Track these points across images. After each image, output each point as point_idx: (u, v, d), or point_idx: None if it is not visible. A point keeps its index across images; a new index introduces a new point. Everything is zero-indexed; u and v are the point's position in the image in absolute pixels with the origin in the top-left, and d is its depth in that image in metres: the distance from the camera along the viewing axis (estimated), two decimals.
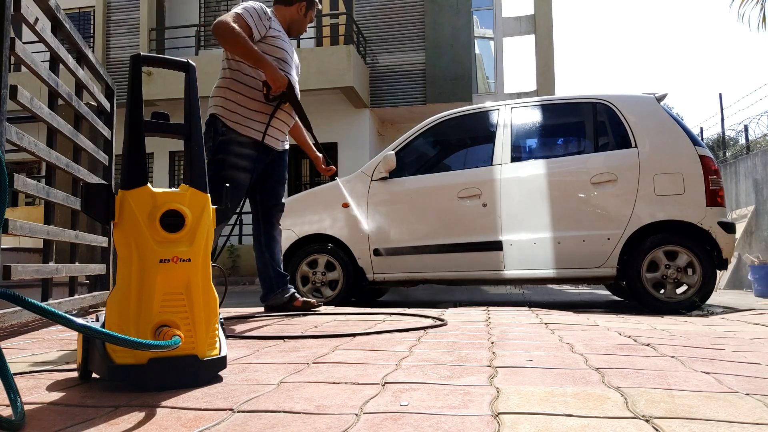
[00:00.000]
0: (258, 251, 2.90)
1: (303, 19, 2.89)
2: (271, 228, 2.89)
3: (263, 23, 2.65)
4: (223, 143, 2.63)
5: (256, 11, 2.64)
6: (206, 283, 1.26)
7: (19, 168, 12.33)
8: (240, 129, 2.65)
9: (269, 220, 2.88)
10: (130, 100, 1.26)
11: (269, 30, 2.68)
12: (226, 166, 2.62)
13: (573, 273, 4.08)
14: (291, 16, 2.86)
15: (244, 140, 2.66)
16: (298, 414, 0.99)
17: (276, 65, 2.62)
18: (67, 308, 2.49)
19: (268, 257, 2.87)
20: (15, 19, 1.92)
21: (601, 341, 1.80)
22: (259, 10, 2.66)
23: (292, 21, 2.87)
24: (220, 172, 2.61)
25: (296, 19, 2.87)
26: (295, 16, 2.86)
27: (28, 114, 2.12)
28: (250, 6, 2.65)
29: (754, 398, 1.08)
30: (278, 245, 2.92)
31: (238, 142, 2.64)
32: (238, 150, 2.65)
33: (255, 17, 2.62)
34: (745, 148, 10.21)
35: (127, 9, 12.65)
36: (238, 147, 2.64)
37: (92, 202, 1.21)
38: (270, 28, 2.69)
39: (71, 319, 0.96)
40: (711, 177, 3.90)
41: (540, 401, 1.05)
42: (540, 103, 4.56)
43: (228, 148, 2.63)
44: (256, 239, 2.91)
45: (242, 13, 2.59)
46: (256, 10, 2.64)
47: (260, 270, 2.91)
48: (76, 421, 0.97)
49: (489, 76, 19.47)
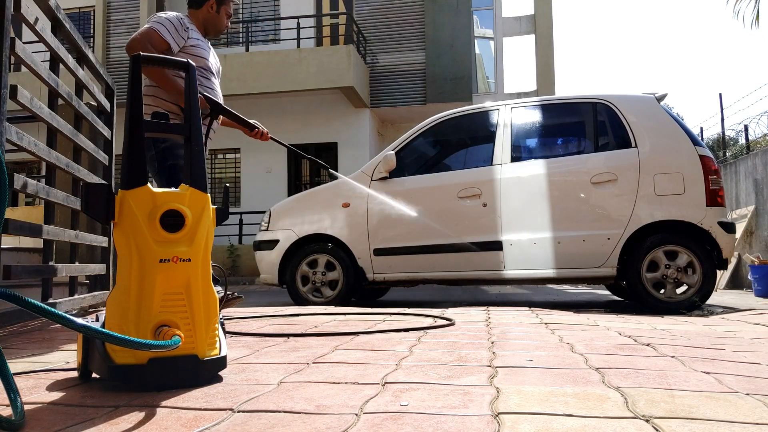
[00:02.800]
0: None
1: (217, 17, 2.80)
2: None
3: (180, 35, 2.58)
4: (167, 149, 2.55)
5: (171, 23, 2.55)
6: (206, 283, 1.25)
7: (19, 168, 12.33)
8: None
9: None
10: (130, 100, 1.26)
11: (188, 40, 2.61)
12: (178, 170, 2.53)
13: (573, 273, 4.08)
14: (204, 18, 2.78)
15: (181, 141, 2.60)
16: (298, 414, 0.99)
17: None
18: (67, 308, 2.49)
19: None
20: (15, 19, 1.92)
21: (601, 341, 1.80)
22: (175, 21, 2.57)
23: (206, 22, 2.79)
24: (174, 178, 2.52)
25: (210, 19, 2.79)
26: (207, 16, 2.78)
27: (28, 114, 2.12)
28: (165, 18, 2.56)
29: (754, 398, 1.08)
30: None
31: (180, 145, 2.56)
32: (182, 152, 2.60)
33: (172, 30, 2.55)
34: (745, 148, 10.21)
35: (127, 9, 12.66)
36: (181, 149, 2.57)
37: (92, 202, 1.21)
38: (189, 38, 2.62)
39: (71, 319, 0.96)
40: (711, 177, 3.90)
41: (540, 401, 1.05)
42: (540, 103, 4.56)
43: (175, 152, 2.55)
44: None
45: (157, 29, 2.51)
46: (172, 22, 2.56)
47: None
48: (76, 421, 0.97)
49: (489, 76, 19.47)
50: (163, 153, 2.56)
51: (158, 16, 2.59)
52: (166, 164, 2.56)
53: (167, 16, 2.60)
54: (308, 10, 12.23)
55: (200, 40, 2.72)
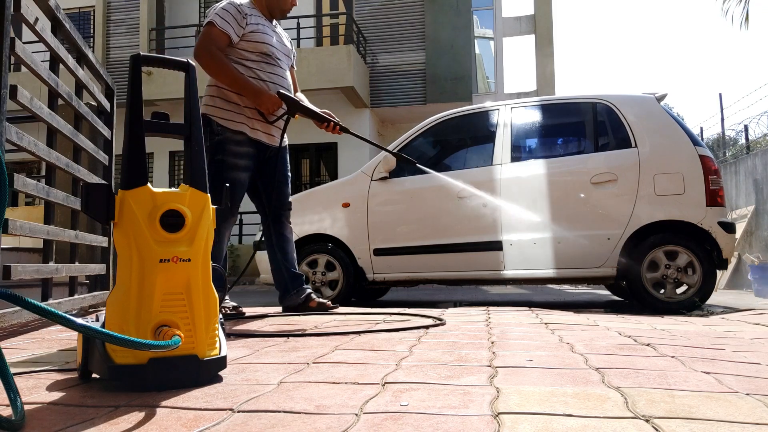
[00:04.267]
0: (270, 252, 2.86)
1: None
2: (281, 227, 2.85)
3: (239, 24, 2.58)
4: (220, 143, 2.61)
5: (230, 13, 2.57)
6: (206, 283, 1.25)
7: (19, 168, 12.33)
8: (233, 126, 2.62)
9: (279, 220, 2.84)
10: (130, 100, 1.26)
11: (247, 27, 2.61)
12: (226, 167, 2.61)
13: (573, 273, 4.08)
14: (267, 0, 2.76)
15: (240, 138, 2.64)
16: (298, 414, 0.99)
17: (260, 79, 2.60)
18: (67, 308, 2.49)
19: (281, 257, 2.83)
20: (15, 19, 1.92)
21: (601, 341, 1.80)
22: (233, 10, 2.58)
23: (269, 3, 2.76)
24: (221, 173, 2.60)
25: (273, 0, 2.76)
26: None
27: (28, 114, 2.12)
28: (221, 9, 2.58)
29: (754, 398, 1.08)
30: (291, 244, 2.88)
31: (235, 141, 2.63)
32: (236, 149, 2.63)
33: (230, 20, 2.56)
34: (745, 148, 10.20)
35: (127, 9, 12.65)
36: (235, 146, 2.63)
37: (92, 202, 1.21)
38: (248, 24, 2.61)
39: (71, 319, 0.96)
40: (711, 177, 3.90)
41: (540, 401, 1.05)
42: (540, 103, 4.56)
43: (225, 148, 2.61)
44: (267, 240, 2.87)
45: (215, 21, 2.54)
46: (230, 12, 2.57)
47: (274, 271, 2.87)
48: (76, 421, 0.97)
49: (489, 76, 19.48)
50: (215, 146, 2.62)
51: (216, 8, 2.61)
52: (215, 158, 2.62)
53: (223, 5, 2.61)
54: (308, 10, 12.23)
55: (262, 25, 2.68)
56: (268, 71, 2.67)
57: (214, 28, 2.54)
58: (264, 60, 2.66)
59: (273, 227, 2.85)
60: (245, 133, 2.65)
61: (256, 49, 2.64)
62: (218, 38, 2.54)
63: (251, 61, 2.64)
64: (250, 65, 2.63)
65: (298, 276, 2.87)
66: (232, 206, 2.65)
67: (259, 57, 2.65)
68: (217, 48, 2.54)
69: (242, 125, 2.64)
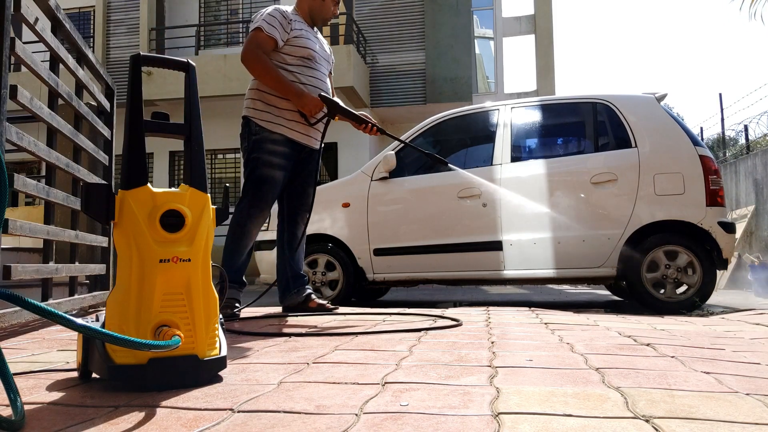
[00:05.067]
0: (279, 249, 2.90)
1: (323, 4, 2.83)
2: (294, 227, 2.88)
3: (284, 29, 2.66)
4: (257, 142, 2.68)
5: (276, 18, 2.64)
6: (206, 283, 1.25)
7: (19, 168, 12.33)
8: (271, 127, 2.69)
9: (294, 219, 2.87)
10: (130, 100, 1.26)
11: (291, 32, 2.68)
12: (260, 164, 2.67)
13: (573, 273, 4.08)
14: (309, 6, 2.83)
15: (277, 137, 2.69)
16: (298, 414, 0.99)
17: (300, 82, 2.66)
18: (67, 308, 2.49)
19: (288, 256, 2.86)
20: (15, 19, 1.92)
21: (601, 341, 1.80)
22: (279, 16, 2.66)
23: (312, 11, 2.84)
24: (255, 170, 2.67)
25: (315, 7, 2.83)
26: (313, 4, 2.83)
27: (28, 114, 2.12)
28: (268, 15, 2.65)
29: (754, 398, 1.08)
30: (300, 245, 2.91)
31: (271, 140, 2.68)
32: (272, 147, 2.68)
33: (277, 25, 2.63)
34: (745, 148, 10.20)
35: (127, 9, 12.65)
36: (272, 144, 2.68)
37: (92, 202, 1.21)
38: (293, 29, 2.69)
39: (71, 319, 0.96)
40: (711, 177, 3.90)
41: (540, 401, 1.05)
42: (540, 103, 4.56)
43: (262, 146, 2.67)
44: (279, 237, 2.91)
45: (262, 26, 2.61)
46: (276, 18, 2.65)
47: (279, 269, 2.90)
48: (76, 421, 0.97)
49: (489, 76, 19.48)
50: (252, 145, 2.71)
51: (262, 14, 2.68)
52: (251, 156, 2.70)
53: (270, 11, 2.68)
54: None
55: (304, 29, 2.75)
56: (309, 75, 2.73)
57: (261, 33, 2.61)
58: (305, 64, 2.72)
59: (287, 226, 2.88)
60: (284, 134, 2.70)
61: (298, 54, 2.71)
62: (264, 42, 2.61)
63: (293, 65, 2.70)
64: (291, 69, 2.69)
65: (301, 276, 2.88)
66: (263, 203, 2.69)
67: (301, 61, 2.71)
68: (264, 52, 2.61)
69: (280, 127, 2.69)
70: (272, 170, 2.69)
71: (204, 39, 12.71)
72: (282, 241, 2.89)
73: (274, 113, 2.69)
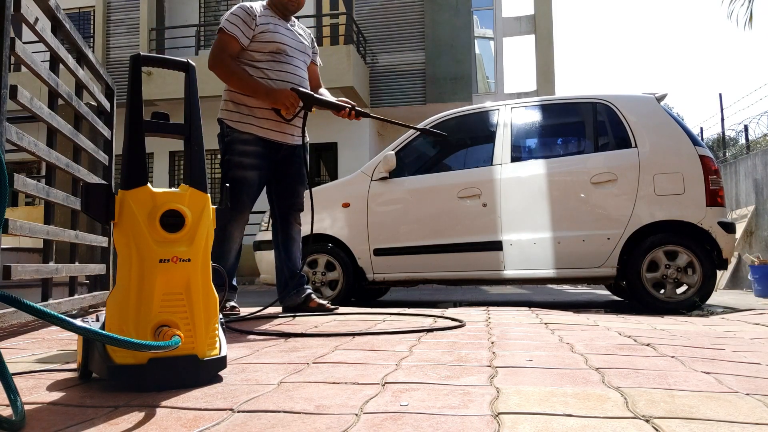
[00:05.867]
0: (276, 251, 2.89)
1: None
2: (288, 227, 2.86)
3: (248, 26, 2.62)
4: (228, 144, 2.67)
5: (238, 17, 2.62)
6: (206, 283, 1.25)
7: (19, 168, 12.33)
8: (241, 127, 2.66)
9: (286, 220, 2.86)
10: (130, 100, 1.26)
11: (257, 27, 2.64)
12: (232, 165, 2.65)
13: (573, 273, 4.08)
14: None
15: (247, 137, 2.66)
16: (298, 414, 0.99)
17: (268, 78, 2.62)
18: (67, 308, 2.49)
19: (284, 257, 2.85)
20: (15, 19, 1.92)
21: (601, 341, 1.80)
22: (242, 14, 2.62)
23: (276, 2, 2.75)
24: (228, 172, 2.66)
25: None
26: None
27: (28, 114, 2.12)
28: (231, 14, 2.63)
29: (754, 398, 1.08)
30: (296, 245, 2.89)
31: (242, 140, 2.66)
32: (242, 148, 2.66)
33: (239, 23, 2.60)
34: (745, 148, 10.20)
35: (127, 9, 12.65)
36: (242, 145, 2.66)
37: (92, 202, 1.21)
38: (258, 25, 2.64)
39: (69, 321, 0.96)
40: (711, 177, 3.90)
41: (540, 401, 1.05)
42: (540, 103, 4.56)
43: (233, 148, 2.65)
44: (274, 239, 2.90)
45: (225, 27, 2.60)
46: (238, 16, 2.62)
47: (277, 270, 2.89)
48: (76, 421, 0.97)
49: (489, 76, 19.48)
50: (224, 147, 2.71)
51: (227, 14, 2.66)
52: (224, 158, 2.70)
53: (233, 10, 2.66)
54: (308, 10, 12.22)
55: (273, 24, 2.70)
56: (278, 69, 2.68)
57: (224, 34, 2.59)
58: (274, 59, 2.67)
59: (280, 226, 2.87)
60: (254, 133, 2.67)
61: (266, 49, 2.66)
62: (227, 44, 2.59)
63: (261, 61, 2.66)
64: (259, 65, 2.65)
65: (300, 276, 2.87)
66: (240, 205, 2.66)
67: (270, 56, 2.66)
68: (228, 54, 2.59)
69: (251, 126, 2.67)
70: (244, 171, 2.65)
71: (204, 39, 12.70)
72: (277, 242, 2.88)
73: (243, 112, 2.66)
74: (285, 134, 2.75)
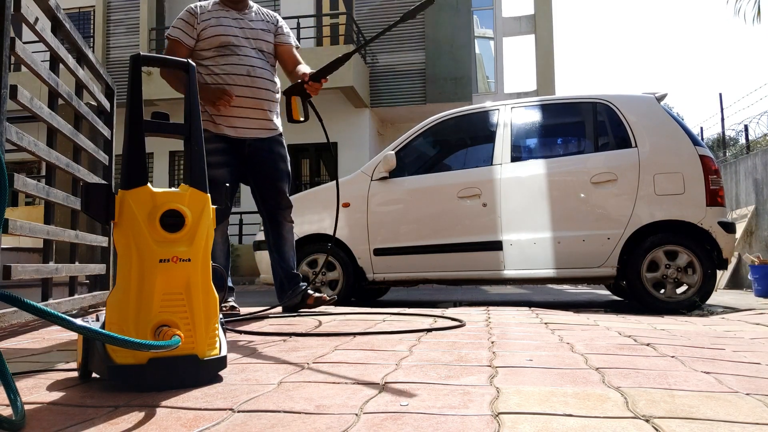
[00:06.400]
0: (269, 252, 2.86)
1: None
2: (278, 227, 2.80)
3: (192, 27, 2.65)
4: None
5: (181, 19, 2.66)
6: (206, 283, 1.25)
7: (19, 168, 12.33)
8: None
9: (275, 220, 2.80)
10: (130, 100, 1.26)
11: (199, 25, 2.64)
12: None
13: (573, 273, 4.08)
14: None
15: (207, 136, 2.60)
16: (298, 414, 0.99)
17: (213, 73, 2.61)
18: (67, 308, 2.49)
19: (277, 258, 2.81)
20: (15, 18, 1.92)
21: (601, 341, 1.80)
22: (185, 15, 2.66)
23: None
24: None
25: None
26: None
27: (28, 114, 2.12)
28: (176, 19, 2.67)
29: (754, 398, 1.08)
30: (288, 244, 2.84)
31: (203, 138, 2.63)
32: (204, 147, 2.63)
33: (181, 26, 2.64)
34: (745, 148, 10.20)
35: (127, 9, 12.66)
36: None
37: (92, 202, 1.21)
38: (200, 22, 2.64)
39: (69, 320, 0.96)
40: (711, 177, 3.90)
41: (540, 401, 1.05)
42: (540, 103, 4.56)
43: None
44: (266, 240, 2.86)
45: (170, 33, 2.64)
46: (182, 18, 2.66)
47: (273, 270, 2.86)
48: (76, 421, 0.97)
49: (489, 76, 19.48)
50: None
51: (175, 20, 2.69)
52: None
53: (181, 15, 2.68)
54: (308, 10, 12.23)
55: (216, 18, 2.67)
56: (223, 63, 2.63)
57: (169, 40, 2.65)
58: (220, 53, 2.64)
59: (270, 226, 2.81)
60: (210, 130, 2.62)
61: (212, 45, 2.65)
62: (175, 49, 2.64)
63: (208, 58, 2.65)
64: (206, 63, 2.65)
65: (295, 276, 2.83)
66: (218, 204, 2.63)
67: (216, 51, 2.64)
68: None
69: (206, 123, 2.62)
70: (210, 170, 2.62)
71: None
72: (269, 244, 2.83)
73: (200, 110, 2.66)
74: (237, 128, 2.66)
